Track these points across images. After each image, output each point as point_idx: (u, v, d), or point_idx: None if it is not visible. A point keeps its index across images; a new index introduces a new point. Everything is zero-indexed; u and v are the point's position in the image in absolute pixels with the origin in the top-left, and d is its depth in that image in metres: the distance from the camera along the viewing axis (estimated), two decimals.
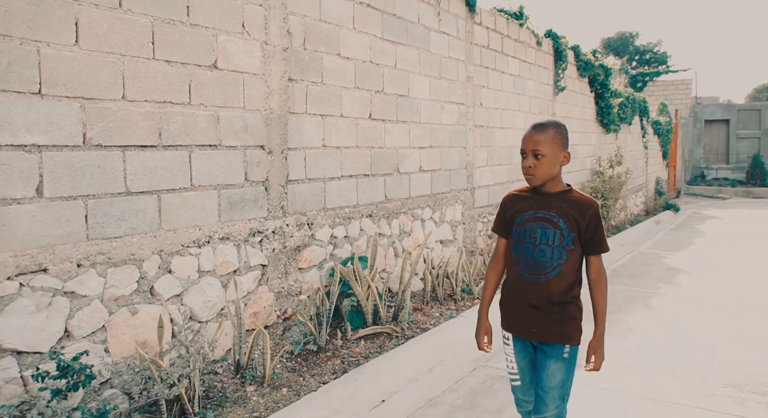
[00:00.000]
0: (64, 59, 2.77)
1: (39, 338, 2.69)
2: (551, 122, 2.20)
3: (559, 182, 2.21)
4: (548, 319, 2.16)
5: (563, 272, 2.13)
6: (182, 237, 3.33)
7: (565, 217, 2.14)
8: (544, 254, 2.14)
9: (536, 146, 2.13)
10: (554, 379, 2.16)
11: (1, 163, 2.56)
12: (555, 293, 2.14)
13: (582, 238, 2.15)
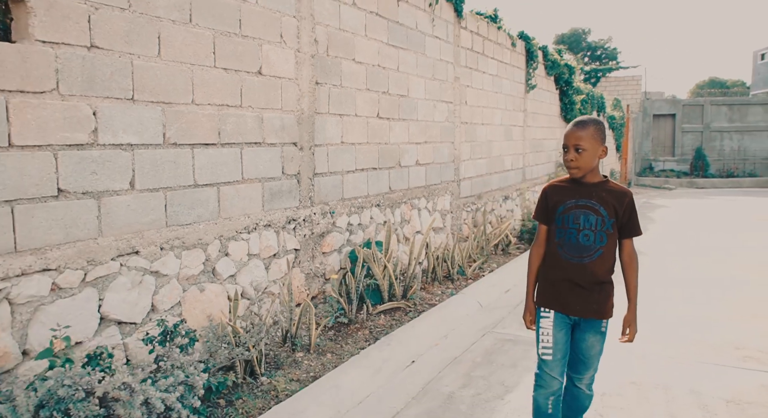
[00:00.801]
0: (149, 69, 3.23)
1: (133, 310, 3.17)
2: (591, 120, 2.47)
3: (597, 174, 2.49)
4: (591, 297, 2.45)
5: (605, 254, 2.43)
6: (236, 224, 3.85)
7: (605, 204, 2.43)
8: (588, 238, 2.43)
9: (578, 141, 2.40)
10: (594, 349, 2.51)
11: (105, 160, 3.02)
12: (598, 273, 2.44)
13: (618, 223, 2.45)
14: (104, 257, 3.02)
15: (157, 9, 3.25)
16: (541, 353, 2.54)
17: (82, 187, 2.92)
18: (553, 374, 2.50)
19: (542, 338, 2.54)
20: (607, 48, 31.60)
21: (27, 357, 2.70)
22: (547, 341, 2.52)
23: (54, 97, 2.78)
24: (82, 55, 2.88)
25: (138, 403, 2.29)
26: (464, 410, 3.13)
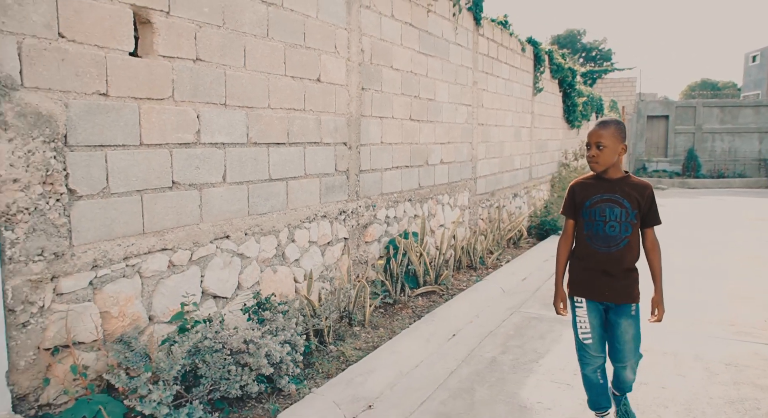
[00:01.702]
0: (237, 78, 3.79)
1: (225, 286, 3.74)
2: (612, 120, 2.75)
3: (619, 170, 2.78)
4: (619, 283, 2.74)
5: (630, 243, 2.72)
6: (300, 214, 4.42)
7: (628, 197, 2.72)
8: (614, 229, 2.72)
9: (599, 139, 2.70)
10: (628, 334, 2.76)
11: (205, 157, 3.58)
12: (625, 261, 2.73)
13: (641, 213, 2.73)
14: (204, 240, 3.58)
15: (243, 25, 3.81)
16: (582, 338, 2.84)
17: (189, 179, 3.48)
18: (595, 354, 2.83)
19: (580, 326, 2.84)
20: (602, 49, 32.46)
21: (151, 321, 3.26)
22: (585, 327, 2.82)
23: (170, 103, 3.34)
24: (189, 67, 3.44)
25: (263, 354, 2.86)
26: (506, 370, 3.73)
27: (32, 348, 2.70)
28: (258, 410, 3.06)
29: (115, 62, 3.01)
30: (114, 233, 3.04)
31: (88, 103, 2.88)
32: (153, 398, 2.53)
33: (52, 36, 2.72)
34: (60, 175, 2.77)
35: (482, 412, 3.16)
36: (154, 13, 3.20)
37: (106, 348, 3.00)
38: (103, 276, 2.99)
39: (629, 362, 2.82)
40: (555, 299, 2.95)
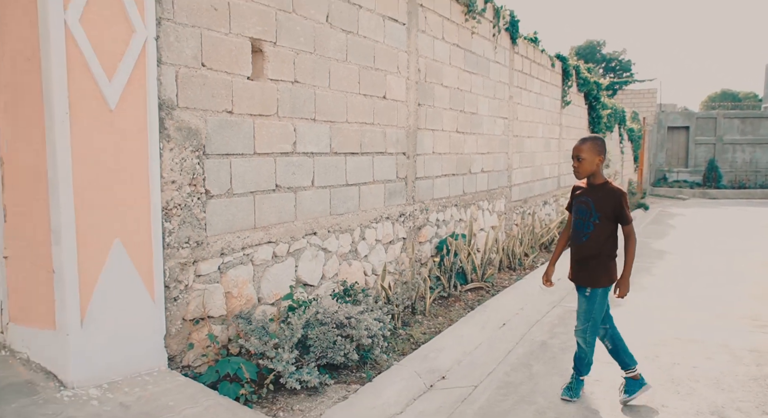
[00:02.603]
0: (324, 96, 4.46)
1: (312, 276, 4.38)
2: (590, 137, 3.42)
3: (600, 177, 3.39)
4: (581, 269, 3.43)
5: (591, 238, 3.35)
6: (369, 215, 5.06)
7: (597, 201, 3.34)
8: (580, 225, 3.42)
9: (579, 152, 3.36)
10: (581, 308, 3.45)
11: (299, 164, 4.24)
12: (585, 253, 3.40)
13: (613, 215, 3.32)
14: (298, 235, 4.23)
15: (328, 51, 4.48)
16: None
17: (287, 183, 4.13)
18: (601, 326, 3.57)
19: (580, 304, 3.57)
20: (622, 60, 32.99)
21: (259, 302, 3.90)
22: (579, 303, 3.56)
23: (275, 119, 4.00)
24: (289, 88, 4.11)
25: (363, 327, 3.50)
26: (556, 351, 4.33)
27: (179, 319, 3.35)
28: (354, 376, 3.69)
29: (237, 85, 3.68)
30: (234, 226, 3.70)
31: (220, 119, 3.55)
32: (284, 358, 3.17)
33: (197, 65, 3.39)
34: (201, 178, 3.43)
35: (541, 382, 3.76)
36: (265, 44, 3.88)
37: (230, 322, 3.64)
38: (228, 262, 3.64)
39: (578, 328, 3.49)
40: (545, 272, 3.77)
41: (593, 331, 3.48)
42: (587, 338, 3.49)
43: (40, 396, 2.73)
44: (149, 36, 3.03)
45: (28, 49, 2.74)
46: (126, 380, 3.03)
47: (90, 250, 2.85)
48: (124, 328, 3.02)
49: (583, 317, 3.47)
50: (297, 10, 4.11)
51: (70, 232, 2.76)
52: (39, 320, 2.89)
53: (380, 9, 5.07)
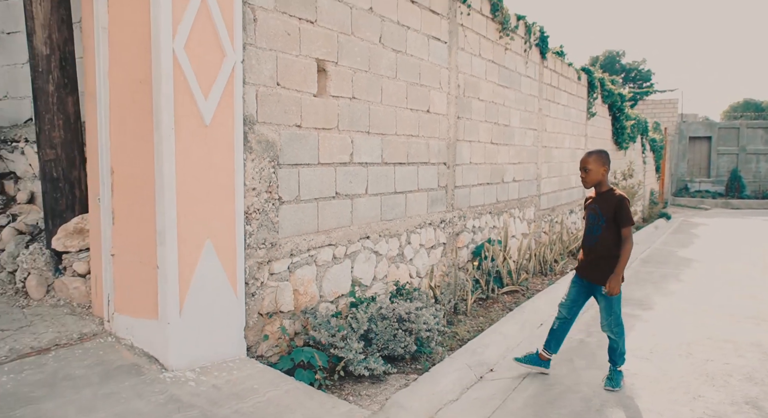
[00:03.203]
0: (376, 111, 4.84)
1: (366, 276, 4.74)
2: (596, 151, 3.85)
3: (605, 185, 3.84)
4: (592, 267, 3.83)
5: (600, 241, 3.77)
6: (413, 222, 5.42)
7: (602, 207, 3.76)
8: (591, 229, 3.86)
9: (585, 164, 3.81)
10: (600, 304, 3.87)
11: (355, 173, 4.61)
12: (596, 254, 3.79)
13: (614, 218, 3.69)
14: (354, 239, 4.60)
15: (380, 69, 4.87)
16: (563, 298, 4.11)
17: (345, 191, 4.51)
18: (562, 310, 4.09)
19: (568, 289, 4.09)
20: (641, 70, 33.17)
21: (321, 299, 4.27)
22: (567, 291, 4.10)
23: (335, 132, 4.39)
24: (348, 104, 4.50)
25: (422, 321, 3.85)
26: (594, 348, 4.64)
27: (255, 313, 3.73)
28: (410, 367, 4.04)
29: (305, 101, 4.07)
30: (301, 230, 4.08)
31: (290, 133, 3.94)
32: (353, 347, 3.53)
33: (273, 84, 3.79)
34: (275, 185, 3.82)
35: (583, 374, 4.08)
36: (328, 64, 4.27)
37: (296, 317, 4.01)
38: (296, 262, 4.02)
39: (604, 323, 3.87)
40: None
41: (617, 322, 3.86)
42: (614, 329, 3.87)
43: (146, 377, 3.12)
44: (237, 60, 3.44)
45: (140, 73, 3.15)
46: (214, 366, 3.40)
47: (187, 249, 3.24)
48: (213, 319, 3.40)
49: (605, 313, 3.87)
50: (355, 32, 4.51)
51: (172, 233, 3.15)
52: (142, 311, 3.28)
53: (425, 29, 5.46)
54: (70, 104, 3.71)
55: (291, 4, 3.89)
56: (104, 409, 2.78)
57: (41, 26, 3.57)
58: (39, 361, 3.00)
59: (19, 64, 4.62)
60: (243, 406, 3.09)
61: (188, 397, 3.04)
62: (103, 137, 3.27)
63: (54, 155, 3.67)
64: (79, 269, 3.54)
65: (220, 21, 3.31)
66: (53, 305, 3.57)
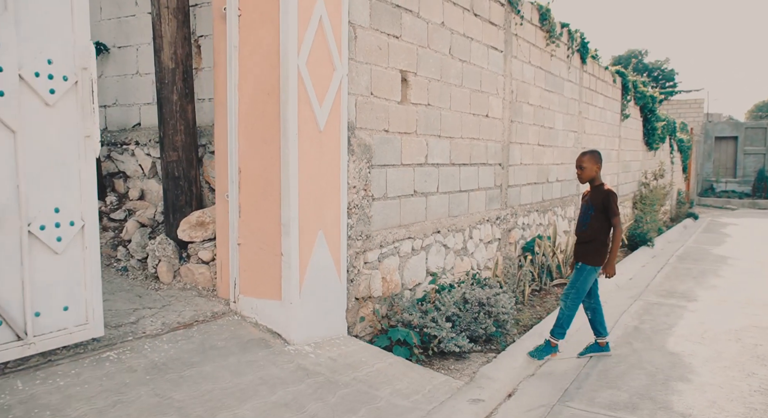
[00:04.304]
0: (446, 116, 5.36)
1: (437, 267, 5.26)
2: (589, 151, 4.40)
3: (597, 181, 4.36)
4: (580, 249, 4.39)
5: (588, 228, 4.33)
6: (474, 218, 5.94)
7: (593, 200, 4.33)
8: (582, 217, 4.42)
9: (580, 163, 4.36)
10: (571, 277, 4.41)
11: (428, 173, 5.14)
12: (584, 238, 4.35)
13: (602, 208, 4.24)
14: (428, 233, 5.13)
15: (450, 78, 5.39)
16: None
17: (421, 189, 5.04)
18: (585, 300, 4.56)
19: None
20: (664, 69, 33.42)
21: (403, 287, 4.80)
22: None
23: (414, 136, 4.92)
24: (424, 110, 5.02)
25: (500, 305, 4.37)
26: (649, 333, 5.13)
27: (353, 297, 4.26)
28: (487, 346, 4.55)
29: (391, 108, 4.60)
30: (387, 224, 4.61)
31: (380, 137, 4.48)
32: (444, 326, 4.06)
33: (368, 94, 4.33)
34: (369, 184, 4.36)
35: (643, 355, 4.58)
36: (409, 74, 4.80)
37: (383, 302, 4.54)
38: (384, 253, 4.55)
39: (563, 296, 4.42)
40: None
41: (575, 297, 4.38)
42: (568, 302, 4.40)
43: (274, 349, 3.66)
44: (344, 73, 3.97)
45: (267, 86, 3.69)
46: (325, 342, 3.94)
47: (305, 239, 3.78)
48: (323, 301, 3.94)
49: (570, 284, 4.42)
50: (430, 45, 5.04)
51: (295, 225, 3.69)
52: (266, 293, 3.82)
53: (485, 40, 5.98)
54: (189, 112, 4.26)
55: (382, 22, 4.43)
56: (250, 373, 3.32)
57: (168, 43, 4.13)
58: (187, 334, 3.55)
59: (129, 74, 5.19)
60: (358, 374, 3.63)
61: (312, 366, 3.58)
62: (233, 141, 3.81)
63: (176, 157, 4.23)
64: (204, 256, 4.09)
65: (331, 39, 3.85)
66: (181, 288, 4.12)
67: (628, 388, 3.92)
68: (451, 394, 3.69)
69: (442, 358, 4.27)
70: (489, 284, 4.94)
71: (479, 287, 4.84)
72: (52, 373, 2.90)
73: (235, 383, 3.20)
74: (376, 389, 3.52)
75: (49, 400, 2.70)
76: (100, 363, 3.07)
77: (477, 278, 5.13)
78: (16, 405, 2.61)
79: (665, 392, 3.83)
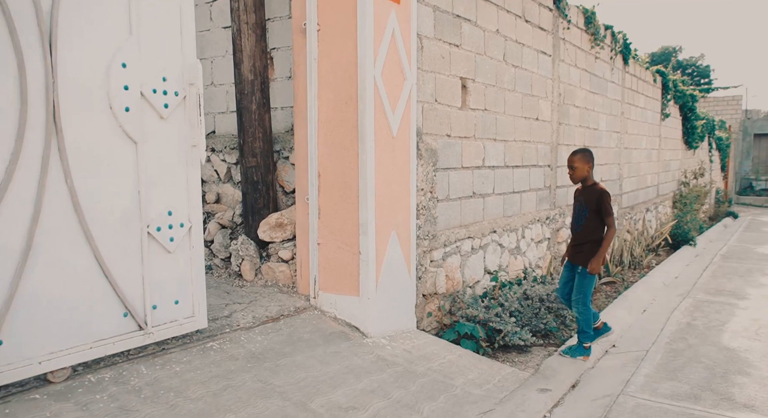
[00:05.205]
0: (500, 120, 5.61)
1: (493, 265, 5.52)
2: (580, 150, 4.37)
3: (590, 180, 4.35)
4: (576, 251, 4.35)
5: (583, 229, 4.32)
6: (526, 218, 6.18)
7: (586, 199, 4.31)
8: (576, 218, 4.42)
9: (572, 163, 4.32)
10: (575, 282, 4.33)
11: (485, 176, 5.40)
12: (580, 239, 4.33)
13: (597, 208, 4.23)
14: (486, 232, 5.39)
15: (504, 83, 5.64)
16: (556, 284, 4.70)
17: (479, 191, 5.30)
18: (558, 293, 4.58)
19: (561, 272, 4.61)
20: (699, 66, 33.10)
21: (463, 285, 5.07)
22: (561, 275, 4.60)
23: (472, 140, 5.18)
24: (481, 115, 5.29)
25: (552, 298, 4.61)
26: (702, 329, 5.32)
27: (420, 294, 4.54)
28: (545, 341, 4.80)
29: (452, 114, 4.88)
30: (450, 224, 4.89)
31: (444, 141, 4.75)
32: (509, 321, 4.32)
33: (432, 101, 4.61)
34: (434, 186, 4.64)
35: (699, 349, 4.78)
36: (468, 81, 5.07)
37: (446, 298, 4.82)
38: (447, 252, 4.83)
39: (574, 303, 4.39)
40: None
41: (584, 302, 4.39)
42: (579, 307, 4.41)
43: (354, 341, 3.96)
44: (413, 82, 4.26)
45: (345, 95, 4.00)
46: (397, 335, 4.23)
47: (380, 238, 4.08)
48: (395, 297, 4.23)
49: (576, 290, 4.40)
50: (487, 52, 5.30)
51: (372, 225, 3.99)
52: (344, 289, 4.13)
53: (535, 45, 6.21)
54: (266, 120, 4.59)
55: (445, 32, 4.70)
56: (336, 363, 3.63)
57: (248, 57, 4.46)
58: (275, 327, 3.87)
59: (205, 85, 5.54)
60: (432, 365, 3.91)
61: (390, 357, 3.88)
62: (313, 147, 4.13)
63: (255, 163, 4.56)
64: (284, 255, 4.41)
65: (402, 50, 4.14)
66: (263, 285, 4.45)
67: (688, 380, 4.13)
68: (519, 384, 3.95)
69: (506, 351, 4.53)
70: (545, 281, 5.18)
71: (538, 284, 5.08)
72: (167, 360, 3.24)
73: (324, 371, 3.51)
74: (451, 378, 3.80)
75: (171, 383, 3.03)
76: (205, 352, 3.40)
77: (534, 276, 5.37)
78: (144, 387, 2.95)
79: (725, 384, 4.04)
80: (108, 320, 3.03)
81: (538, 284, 4.98)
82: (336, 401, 3.23)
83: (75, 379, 2.93)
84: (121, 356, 3.18)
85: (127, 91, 3.00)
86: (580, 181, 4.46)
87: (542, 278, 5.37)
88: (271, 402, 3.07)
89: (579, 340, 4.55)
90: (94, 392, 2.86)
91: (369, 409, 3.22)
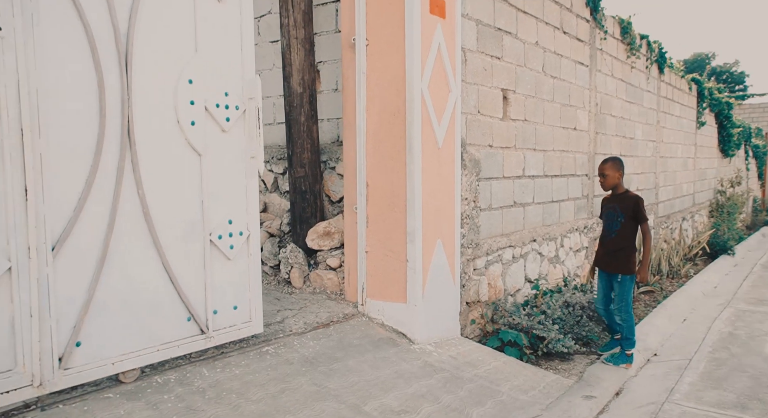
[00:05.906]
0: (540, 131, 5.69)
1: (533, 273, 5.58)
2: (611, 158, 4.54)
3: (621, 188, 4.53)
4: (611, 259, 4.47)
5: (618, 235, 4.45)
6: (565, 227, 6.22)
7: (621, 206, 4.45)
8: (609, 225, 4.52)
9: (603, 171, 4.50)
10: (615, 291, 4.47)
11: (525, 185, 5.47)
12: (614, 246, 4.46)
13: (633, 215, 4.38)
14: (526, 241, 5.46)
15: (543, 94, 5.72)
16: (595, 292, 4.76)
17: (519, 200, 5.38)
18: (599, 306, 4.66)
19: (596, 284, 4.69)
20: (734, 72, 32.59)
21: (505, 292, 5.14)
22: (598, 288, 4.66)
23: (513, 150, 5.26)
24: (521, 125, 5.37)
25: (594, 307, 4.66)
26: (745, 339, 5.30)
27: (464, 301, 4.63)
28: (590, 348, 4.84)
29: (494, 125, 4.97)
30: (492, 233, 4.97)
31: (486, 152, 4.85)
32: (552, 328, 4.38)
33: (475, 112, 4.71)
34: (477, 196, 4.73)
35: (743, 359, 4.77)
36: (509, 92, 5.16)
37: (489, 306, 4.89)
38: (489, 260, 4.91)
39: (617, 312, 4.50)
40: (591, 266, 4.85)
41: (627, 310, 4.48)
42: (623, 315, 4.49)
43: (401, 348, 4.06)
44: (458, 94, 4.37)
45: (393, 107, 4.12)
46: (442, 342, 4.32)
47: (427, 247, 4.18)
48: (441, 304, 4.33)
49: (618, 299, 4.51)
50: (527, 63, 5.39)
51: (419, 234, 4.09)
52: (391, 296, 4.24)
53: (573, 56, 6.28)
54: (314, 132, 4.74)
55: (487, 45, 4.81)
56: (386, 368, 3.74)
57: (297, 70, 4.62)
58: (326, 332, 4.00)
59: None
60: (478, 371, 4.00)
61: (437, 363, 3.97)
62: (361, 158, 4.26)
63: (303, 173, 4.71)
64: (332, 263, 4.54)
65: (447, 64, 4.26)
66: (311, 292, 4.59)
67: (733, 389, 4.14)
68: (564, 390, 4.01)
69: (548, 359, 4.59)
70: (585, 289, 5.22)
71: (578, 292, 5.13)
72: (227, 363, 3.38)
73: (376, 375, 3.62)
74: (497, 384, 3.88)
75: (232, 385, 3.17)
76: (262, 356, 3.54)
77: (574, 284, 5.41)
78: (208, 388, 3.09)
79: None
80: (173, 324, 3.18)
81: (578, 292, 5.03)
82: (388, 405, 3.33)
83: (143, 380, 3.09)
84: (183, 359, 3.33)
85: (192, 106, 3.17)
86: (611, 188, 4.57)
87: (582, 287, 5.42)
88: (326, 404, 3.18)
89: (622, 347, 4.58)
90: (162, 392, 3.00)
91: (420, 412, 3.31)
